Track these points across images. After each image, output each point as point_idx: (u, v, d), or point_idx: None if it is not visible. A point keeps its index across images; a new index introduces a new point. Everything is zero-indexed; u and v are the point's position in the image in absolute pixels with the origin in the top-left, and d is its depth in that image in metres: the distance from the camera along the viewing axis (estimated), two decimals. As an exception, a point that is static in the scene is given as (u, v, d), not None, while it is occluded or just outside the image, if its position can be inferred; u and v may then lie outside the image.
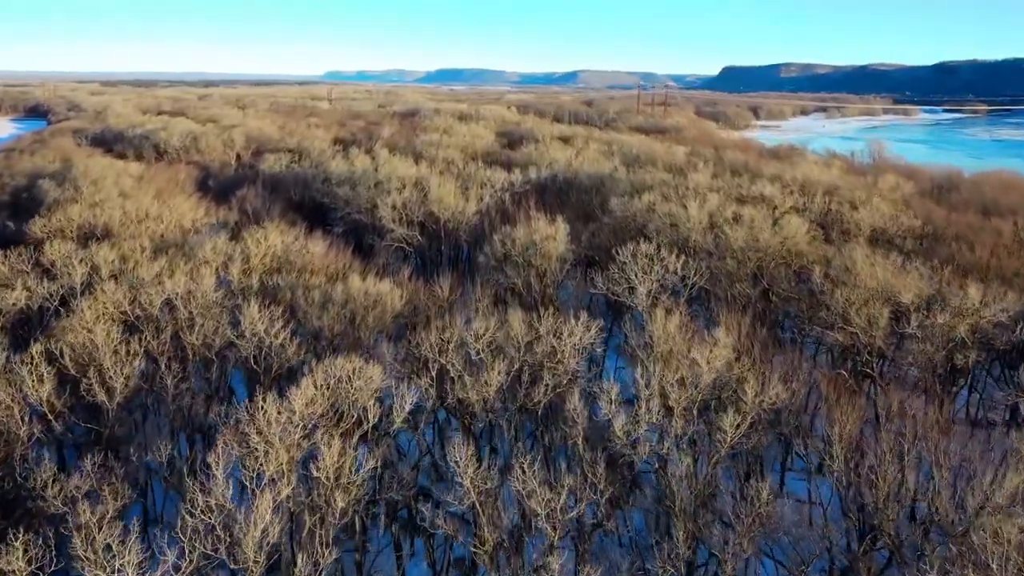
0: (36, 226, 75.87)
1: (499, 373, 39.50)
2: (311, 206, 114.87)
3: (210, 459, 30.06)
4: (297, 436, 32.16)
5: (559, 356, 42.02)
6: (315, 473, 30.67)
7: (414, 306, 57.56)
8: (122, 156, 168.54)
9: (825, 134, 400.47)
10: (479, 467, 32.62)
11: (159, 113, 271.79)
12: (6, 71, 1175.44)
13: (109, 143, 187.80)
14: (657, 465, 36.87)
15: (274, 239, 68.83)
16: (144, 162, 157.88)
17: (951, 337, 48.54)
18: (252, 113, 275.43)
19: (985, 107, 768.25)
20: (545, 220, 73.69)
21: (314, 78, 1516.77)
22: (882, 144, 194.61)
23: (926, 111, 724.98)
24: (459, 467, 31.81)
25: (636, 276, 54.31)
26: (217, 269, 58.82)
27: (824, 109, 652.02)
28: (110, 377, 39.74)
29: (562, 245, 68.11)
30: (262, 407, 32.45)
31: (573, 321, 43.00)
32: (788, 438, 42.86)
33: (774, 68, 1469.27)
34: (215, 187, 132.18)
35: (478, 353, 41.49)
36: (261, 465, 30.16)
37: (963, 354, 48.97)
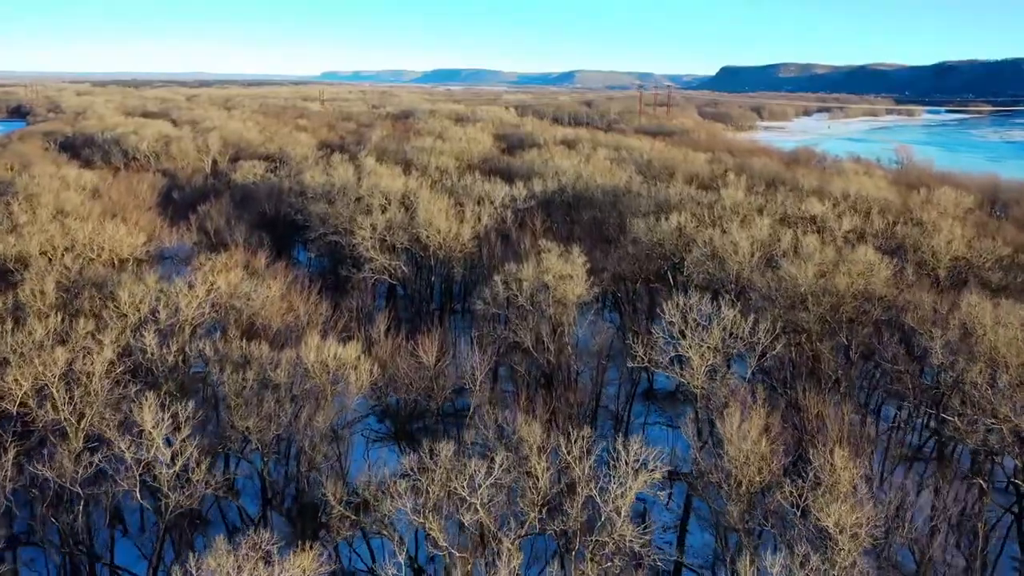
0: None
1: (511, 572, 24.47)
2: (285, 223, 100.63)
3: None
4: None
5: (602, 520, 27.34)
6: None
7: (391, 377, 43.49)
8: (90, 162, 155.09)
9: (831, 135, 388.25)
10: None
11: (143, 115, 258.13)
12: (5, 71, 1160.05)
13: (78, 148, 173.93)
14: None
15: (221, 279, 54.57)
16: (112, 169, 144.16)
17: None
18: (238, 115, 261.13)
19: (989, 107, 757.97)
20: (556, 250, 59.68)
21: (310, 78, 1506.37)
22: (910, 148, 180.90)
23: (929, 111, 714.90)
24: None
25: (689, 343, 39.98)
26: (132, 327, 44.44)
27: (827, 110, 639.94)
28: None
29: (580, 286, 54.02)
30: None
31: (624, 458, 27.82)
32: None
33: (772, 68, 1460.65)
34: (179, 200, 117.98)
35: (475, 513, 26.74)
36: None
37: None
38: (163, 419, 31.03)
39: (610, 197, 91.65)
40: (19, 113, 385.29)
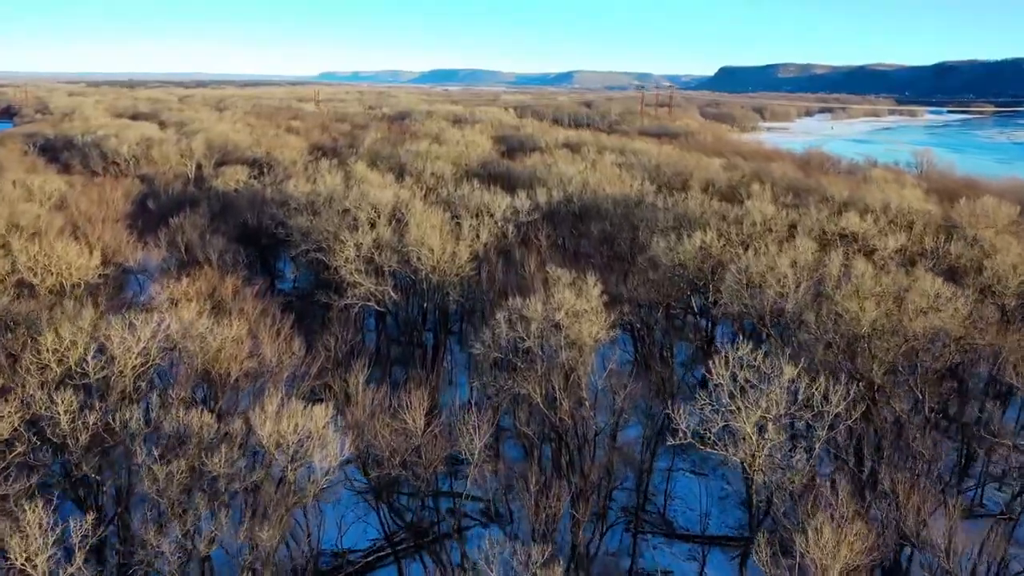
0: None
1: None
2: (269, 234, 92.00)
3: None
4: None
5: None
6: None
7: (368, 445, 35.23)
8: (68, 167, 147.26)
9: (836, 136, 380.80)
10: None
11: (133, 116, 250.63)
12: (4, 72, 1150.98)
13: (58, 151, 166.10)
14: None
15: (173, 315, 46.28)
16: (89, 174, 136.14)
17: None
18: (228, 116, 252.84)
19: (991, 108, 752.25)
20: (567, 278, 51.49)
21: (308, 79, 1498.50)
22: (930, 152, 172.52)
23: (931, 112, 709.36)
24: None
25: (745, 415, 31.63)
26: (52, 383, 36.07)
27: (829, 110, 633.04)
28: None
29: (597, 324, 45.69)
30: None
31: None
32: None
33: (772, 68, 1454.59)
34: (155, 209, 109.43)
35: None
36: None
37: None
38: (45, 545, 22.62)
39: (621, 208, 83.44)
40: (8, 114, 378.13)
